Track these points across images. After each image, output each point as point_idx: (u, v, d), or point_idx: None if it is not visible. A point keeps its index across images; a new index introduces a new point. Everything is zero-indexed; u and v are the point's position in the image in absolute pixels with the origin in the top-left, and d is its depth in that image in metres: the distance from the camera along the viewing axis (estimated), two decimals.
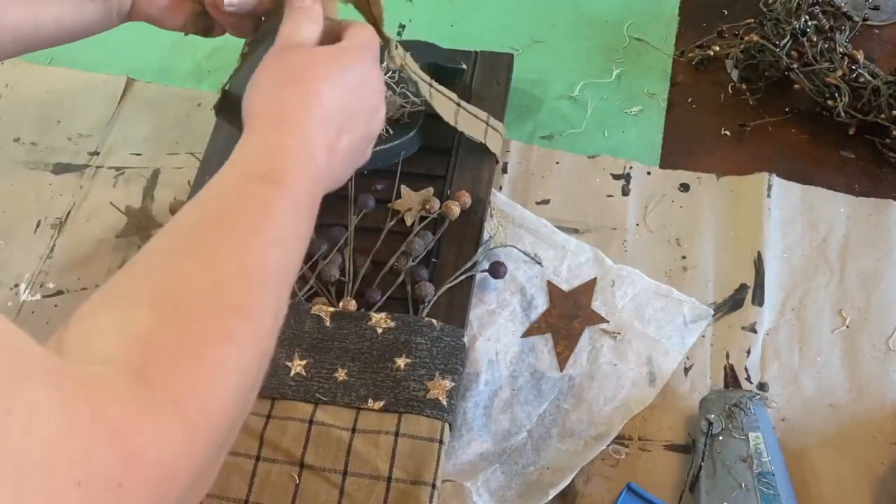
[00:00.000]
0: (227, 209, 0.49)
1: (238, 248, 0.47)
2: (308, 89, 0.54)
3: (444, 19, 0.90)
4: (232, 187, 0.50)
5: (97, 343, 0.41)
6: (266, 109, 0.54)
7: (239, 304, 0.44)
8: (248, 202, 0.49)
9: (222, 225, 0.48)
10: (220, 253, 0.46)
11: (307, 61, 0.56)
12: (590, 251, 0.71)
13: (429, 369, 0.62)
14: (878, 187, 0.75)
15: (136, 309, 0.42)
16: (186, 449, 0.39)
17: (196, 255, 0.46)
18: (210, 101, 0.83)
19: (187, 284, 0.44)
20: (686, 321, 0.68)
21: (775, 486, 0.56)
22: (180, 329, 0.42)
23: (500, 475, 0.61)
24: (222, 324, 0.43)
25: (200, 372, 0.41)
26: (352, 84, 0.56)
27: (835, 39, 0.77)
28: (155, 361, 0.40)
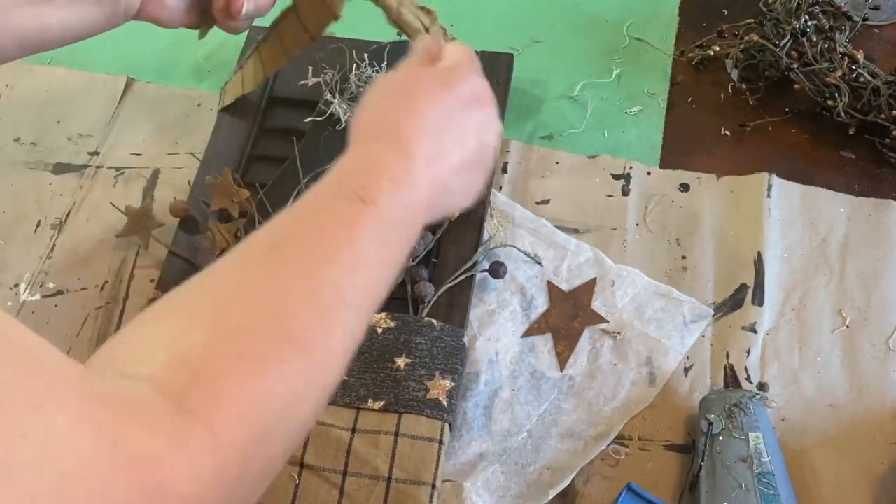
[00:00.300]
0: (310, 228, 0.46)
1: (313, 271, 0.44)
2: (414, 108, 0.52)
3: (444, 19, 0.90)
4: (319, 204, 0.47)
5: (146, 356, 0.39)
6: (370, 127, 0.52)
7: (301, 335, 0.42)
8: (332, 222, 0.46)
9: (301, 244, 0.45)
10: (292, 275, 0.44)
11: (416, 82, 0.54)
12: (590, 251, 0.71)
13: (429, 369, 0.62)
14: (878, 187, 0.75)
15: (192, 328, 0.40)
16: (213, 483, 0.36)
17: (267, 275, 0.44)
18: (210, 101, 0.84)
19: (251, 308, 0.42)
20: (686, 321, 0.68)
21: (775, 486, 0.56)
22: (232, 358, 0.39)
23: (500, 475, 0.61)
24: (278, 356, 0.40)
25: (242, 404, 0.38)
26: (459, 102, 0.54)
27: (835, 39, 0.77)
28: (198, 389, 0.38)
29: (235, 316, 0.41)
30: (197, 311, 0.42)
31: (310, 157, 0.72)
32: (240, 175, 0.74)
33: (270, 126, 0.78)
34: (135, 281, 0.73)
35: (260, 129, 0.78)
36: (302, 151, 0.72)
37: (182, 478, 0.35)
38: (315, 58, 0.78)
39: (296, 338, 0.41)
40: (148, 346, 0.40)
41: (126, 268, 0.74)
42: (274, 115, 0.78)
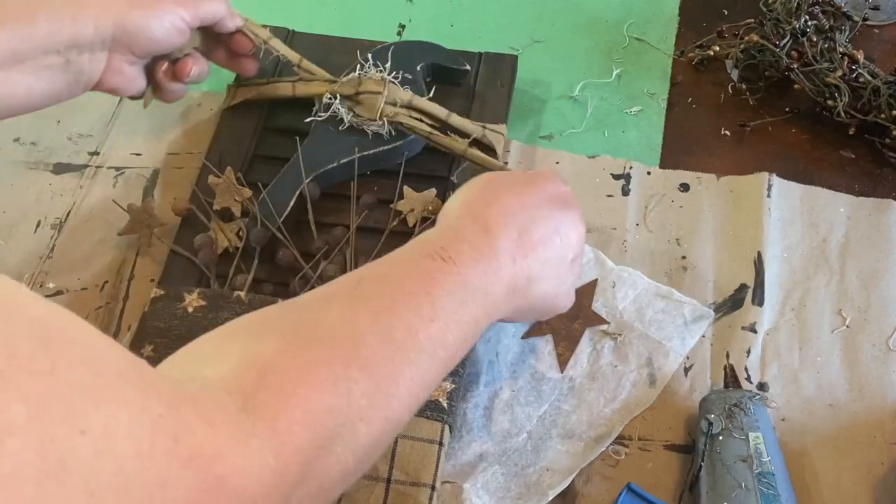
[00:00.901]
0: (391, 275, 0.49)
1: (390, 310, 0.46)
2: (497, 199, 0.56)
3: (444, 19, 0.90)
4: (402, 259, 0.51)
5: (217, 360, 0.39)
6: (455, 211, 0.56)
7: (370, 360, 0.43)
8: (413, 273, 0.49)
9: (382, 288, 0.48)
10: (370, 311, 0.46)
11: (502, 180, 0.59)
12: (591, 252, 0.71)
13: None
14: (878, 187, 0.75)
15: (267, 339, 0.41)
16: (273, 483, 0.37)
17: (345, 307, 0.46)
18: (210, 101, 0.84)
19: (325, 329, 0.44)
20: (687, 322, 0.68)
21: (775, 486, 0.56)
22: (301, 366, 0.40)
23: (500, 476, 0.61)
24: (346, 372, 0.42)
25: (308, 410, 0.39)
26: (543, 199, 0.57)
27: (835, 39, 0.78)
28: (265, 390, 0.38)
29: (310, 333, 0.43)
30: (273, 328, 0.43)
31: (312, 158, 0.72)
32: (242, 174, 0.74)
33: (274, 126, 0.78)
34: (135, 281, 0.73)
35: (264, 128, 0.78)
36: (305, 151, 0.72)
37: (241, 475, 0.35)
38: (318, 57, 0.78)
39: (365, 361, 0.43)
40: (221, 351, 0.40)
41: (126, 267, 0.74)
42: (278, 115, 0.78)
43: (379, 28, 0.89)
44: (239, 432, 0.36)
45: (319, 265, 0.68)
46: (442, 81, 0.78)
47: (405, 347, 0.45)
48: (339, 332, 0.44)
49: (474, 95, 0.78)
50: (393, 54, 0.76)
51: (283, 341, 0.41)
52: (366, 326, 0.45)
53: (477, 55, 0.81)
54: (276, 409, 0.38)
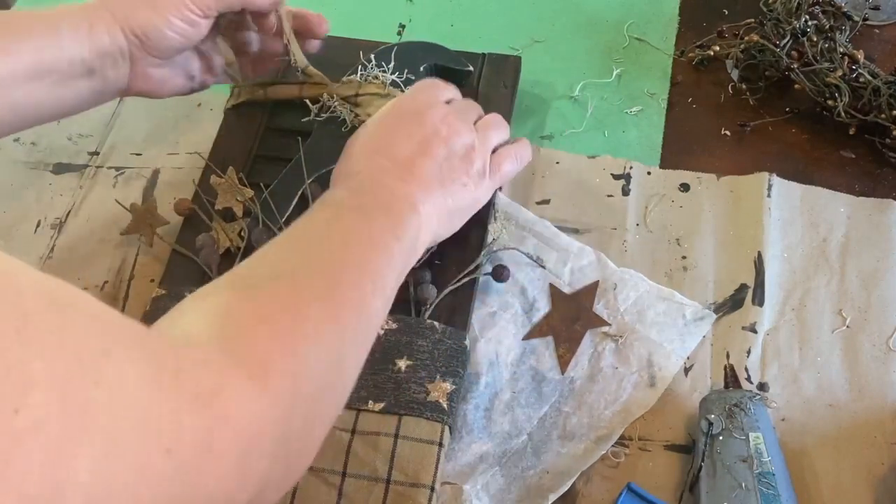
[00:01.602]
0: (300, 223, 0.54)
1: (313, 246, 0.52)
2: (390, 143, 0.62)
3: (444, 19, 0.90)
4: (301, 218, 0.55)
5: (180, 323, 0.43)
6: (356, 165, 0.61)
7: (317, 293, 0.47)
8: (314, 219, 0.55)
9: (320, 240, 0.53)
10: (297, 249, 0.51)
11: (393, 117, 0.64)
12: (592, 254, 0.71)
13: (430, 371, 0.62)
14: (878, 187, 0.75)
15: (218, 292, 0.46)
16: (271, 413, 0.39)
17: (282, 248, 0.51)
18: (210, 101, 0.84)
19: (266, 270, 0.48)
20: (688, 325, 0.67)
21: (775, 486, 0.56)
22: (257, 303, 0.44)
23: (500, 478, 0.61)
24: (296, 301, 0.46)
25: (278, 339, 0.42)
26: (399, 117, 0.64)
27: (835, 39, 0.77)
28: (234, 329, 0.42)
29: (251, 278, 0.47)
30: (248, 284, 0.47)
31: (315, 158, 0.72)
32: (245, 174, 0.74)
33: (277, 126, 0.78)
34: (135, 281, 0.73)
35: (266, 128, 0.78)
36: (307, 152, 0.72)
37: (240, 410, 0.38)
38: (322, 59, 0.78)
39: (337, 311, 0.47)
40: (201, 311, 0.43)
41: (126, 268, 0.74)
42: (280, 115, 0.78)
43: (379, 28, 0.89)
44: (228, 369, 0.39)
45: None
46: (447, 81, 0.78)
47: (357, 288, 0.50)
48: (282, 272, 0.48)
49: (478, 96, 0.78)
50: (396, 55, 0.76)
51: (233, 291, 0.46)
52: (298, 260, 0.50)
53: (480, 56, 0.80)
54: (249, 344, 0.41)
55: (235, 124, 0.78)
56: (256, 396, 0.39)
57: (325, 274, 0.49)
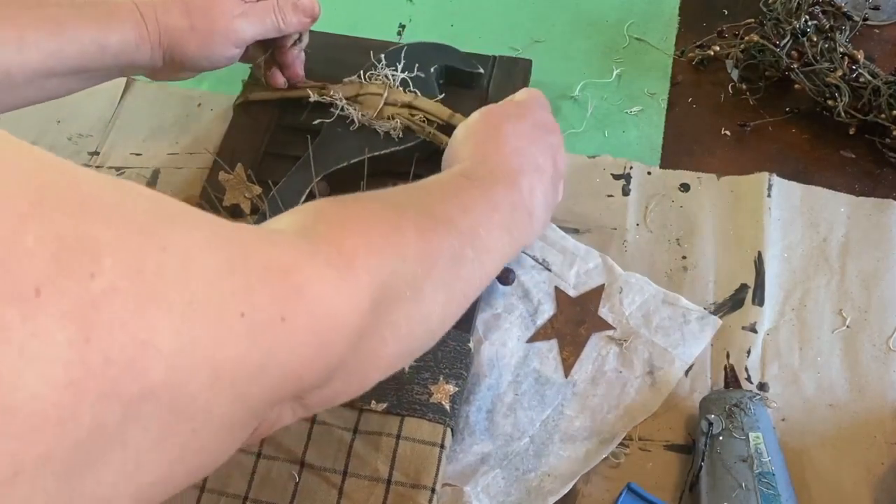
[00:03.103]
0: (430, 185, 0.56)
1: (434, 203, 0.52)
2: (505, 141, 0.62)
3: (444, 19, 0.90)
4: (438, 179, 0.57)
5: (273, 223, 0.43)
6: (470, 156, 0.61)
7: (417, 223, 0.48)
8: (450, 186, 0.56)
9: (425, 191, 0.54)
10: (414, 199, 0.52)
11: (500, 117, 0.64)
12: (598, 257, 0.71)
13: (433, 373, 0.62)
14: (878, 187, 0.75)
15: (315, 202, 0.47)
16: (350, 299, 0.40)
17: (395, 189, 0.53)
18: (210, 101, 0.84)
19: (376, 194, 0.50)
20: (693, 330, 0.67)
21: (775, 486, 0.56)
22: (355, 211, 0.45)
23: (501, 480, 0.61)
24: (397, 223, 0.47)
25: (366, 238, 0.43)
26: (533, 130, 0.64)
27: (835, 39, 0.77)
28: (324, 223, 0.42)
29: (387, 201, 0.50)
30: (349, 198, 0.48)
31: (323, 157, 0.72)
32: (253, 171, 0.74)
33: (286, 123, 0.78)
34: None
35: (276, 126, 0.78)
36: (316, 150, 0.72)
37: (316, 285, 0.38)
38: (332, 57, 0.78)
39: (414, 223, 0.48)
40: (294, 212, 0.45)
41: None
42: (290, 113, 0.78)
43: (379, 28, 0.89)
44: (305, 249, 0.39)
45: None
46: (455, 84, 0.78)
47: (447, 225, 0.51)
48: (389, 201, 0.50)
49: (487, 99, 0.78)
50: (406, 55, 0.76)
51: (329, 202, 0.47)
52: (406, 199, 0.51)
53: (491, 58, 0.80)
54: (337, 237, 0.42)
55: (244, 121, 0.78)
56: (334, 281, 0.39)
57: (433, 217, 0.50)
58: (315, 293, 0.38)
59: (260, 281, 0.35)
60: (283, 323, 0.35)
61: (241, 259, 0.34)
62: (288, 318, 0.35)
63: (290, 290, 0.36)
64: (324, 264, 0.39)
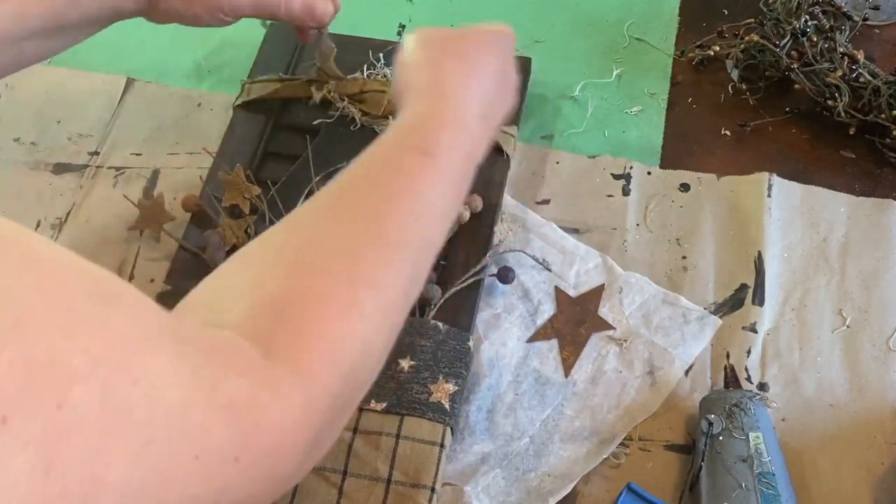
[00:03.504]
0: (377, 176, 0.49)
1: (381, 215, 0.47)
2: (469, 65, 0.56)
3: (445, 19, 0.90)
4: (385, 156, 0.51)
5: (230, 304, 0.41)
6: (426, 82, 0.55)
7: (371, 275, 0.44)
8: (398, 172, 0.49)
9: (370, 191, 0.48)
10: (362, 219, 0.47)
11: (468, 40, 0.59)
12: (598, 257, 0.71)
13: (433, 372, 0.62)
14: (878, 187, 0.75)
15: (271, 274, 0.43)
16: (304, 422, 0.39)
17: (339, 219, 0.47)
18: (210, 101, 0.84)
19: (326, 250, 0.45)
20: (693, 330, 0.67)
21: (775, 486, 0.56)
22: (312, 299, 0.42)
23: (501, 480, 0.61)
24: (353, 295, 0.43)
25: (326, 345, 0.41)
26: (499, 62, 0.59)
27: (835, 39, 0.77)
28: (283, 333, 0.40)
29: (311, 259, 0.44)
30: (274, 258, 0.44)
31: (322, 156, 0.72)
32: (253, 171, 0.74)
33: (285, 123, 0.78)
34: (135, 281, 0.73)
35: (275, 126, 0.78)
36: (315, 150, 0.72)
37: (274, 418, 0.37)
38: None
39: (368, 278, 0.44)
40: (230, 294, 0.42)
41: (126, 268, 0.74)
42: (289, 114, 0.78)
43: (379, 28, 0.89)
44: (267, 378, 0.38)
45: None
46: None
47: (399, 249, 0.46)
48: (337, 252, 0.45)
49: None
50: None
51: (286, 277, 0.43)
52: (360, 239, 0.45)
53: None
54: (296, 350, 0.40)
55: (244, 121, 0.78)
56: (293, 408, 0.38)
57: (383, 234, 0.46)
58: (273, 426, 0.37)
59: (219, 420, 0.34)
60: (236, 463, 0.35)
61: (207, 391, 0.34)
62: (242, 457, 0.35)
63: (248, 426, 0.36)
64: (286, 393, 0.38)
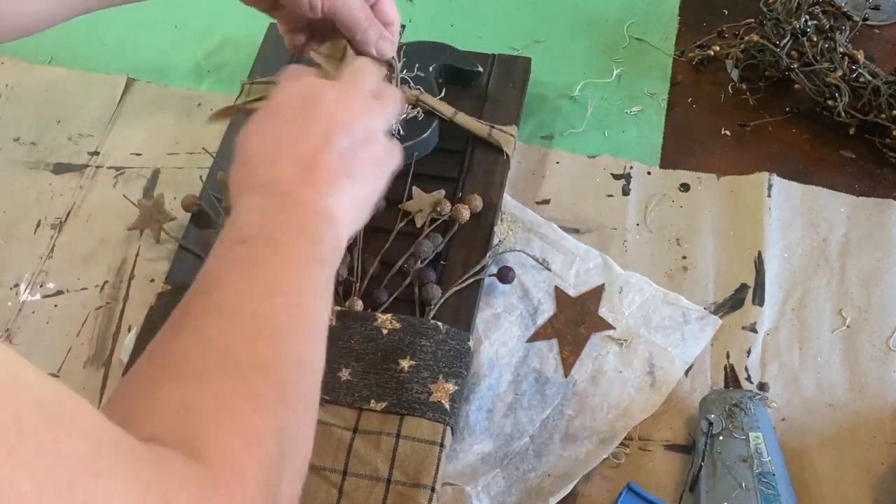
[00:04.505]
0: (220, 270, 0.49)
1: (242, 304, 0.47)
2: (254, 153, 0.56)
3: (444, 19, 0.90)
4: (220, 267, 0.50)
5: (142, 420, 0.41)
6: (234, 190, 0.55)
7: (256, 362, 0.44)
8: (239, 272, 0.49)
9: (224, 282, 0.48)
10: (226, 313, 0.46)
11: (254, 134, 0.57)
12: (598, 257, 0.71)
13: (433, 372, 0.62)
14: (878, 187, 0.75)
15: (165, 383, 0.43)
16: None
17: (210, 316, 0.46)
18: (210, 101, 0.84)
19: (207, 349, 0.44)
20: (693, 330, 0.67)
21: (775, 485, 0.56)
22: (211, 395, 0.42)
23: (501, 480, 0.61)
24: (249, 384, 0.43)
25: (243, 435, 0.41)
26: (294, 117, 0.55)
27: (835, 39, 0.77)
28: (199, 433, 0.40)
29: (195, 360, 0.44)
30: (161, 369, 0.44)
31: None
32: None
33: None
34: (135, 281, 0.73)
35: None
36: None
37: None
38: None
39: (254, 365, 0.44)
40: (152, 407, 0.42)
41: (126, 268, 0.74)
42: None
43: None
44: (206, 485, 0.38)
45: None
46: (454, 82, 0.78)
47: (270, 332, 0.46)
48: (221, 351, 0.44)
49: (486, 97, 0.78)
50: (406, 54, 0.76)
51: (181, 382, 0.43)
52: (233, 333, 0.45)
53: (490, 57, 0.80)
54: (219, 449, 0.40)
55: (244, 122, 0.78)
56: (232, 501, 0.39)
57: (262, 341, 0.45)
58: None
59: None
60: None
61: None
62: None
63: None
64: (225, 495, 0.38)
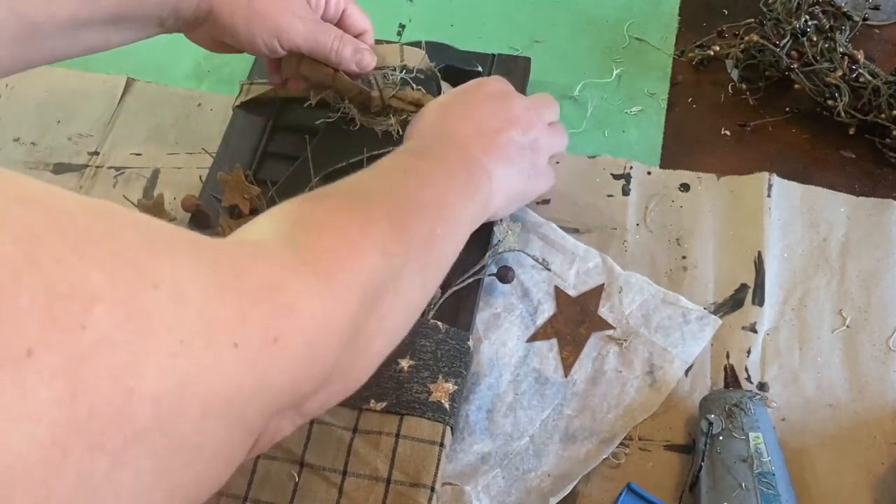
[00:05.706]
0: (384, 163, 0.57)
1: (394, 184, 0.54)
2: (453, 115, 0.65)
3: (444, 19, 0.90)
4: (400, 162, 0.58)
5: (251, 230, 0.43)
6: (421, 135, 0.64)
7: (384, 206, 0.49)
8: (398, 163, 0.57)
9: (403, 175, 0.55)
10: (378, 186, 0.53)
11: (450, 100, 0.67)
12: (598, 257, 0.71)
13: (432, 372, 0.62)
14: (878, 187, 0.75)
15: (291, 202, 0.47)
16: (339, 307, 0.40)
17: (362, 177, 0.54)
18: (210, 101, 0.84)
19: (339, 188, 0.51)
20: (693, 330, 0.67)
21: (775, 486, 0.56)
22: (328, 211, 0.46)
23: (501, 480, 0.61)
24: (366, 212, 0.47)
25: (345, 242, 0.43)
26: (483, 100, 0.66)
27: (835, 39, 0.77)
28: (303, 231, 0.42)
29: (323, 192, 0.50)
30: (322, 195, 0.50)
31: (322, 156, 0.72)
32: (252, 172, 0.74)
33: (285, 124, 0.78)
34: None
35: (274, 126, 0.78)
36: (315, 150, 0.72)
37: (304, 299, 0.38)
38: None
39: (381, 204, 0.49)
40: (271, 217, 0.45)
41: None
42: (288, 114, 0.78)
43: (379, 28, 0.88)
44: (291, 262, 0.39)
45: None
46: (454, 83, 0.78)
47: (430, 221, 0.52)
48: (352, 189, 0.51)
49: None
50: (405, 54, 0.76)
51: (304, 201, 0.47)
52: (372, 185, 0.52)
53: (490, 57, 0.80)
54: (316, 243, 0.42)
55: (244, 121, 0.78)
56: (322, 293, 0.39)
57: (399, 202, 0.51)
58: (305, 308, 0.38)
59: (251, 305, 0.34)
60: (275, 344, 0.35)
61: (231, 282, 0.34)
62: (280, 338, 0.35)
63: (282, 309, 0.36)
64: (311, 276, 0.39)
